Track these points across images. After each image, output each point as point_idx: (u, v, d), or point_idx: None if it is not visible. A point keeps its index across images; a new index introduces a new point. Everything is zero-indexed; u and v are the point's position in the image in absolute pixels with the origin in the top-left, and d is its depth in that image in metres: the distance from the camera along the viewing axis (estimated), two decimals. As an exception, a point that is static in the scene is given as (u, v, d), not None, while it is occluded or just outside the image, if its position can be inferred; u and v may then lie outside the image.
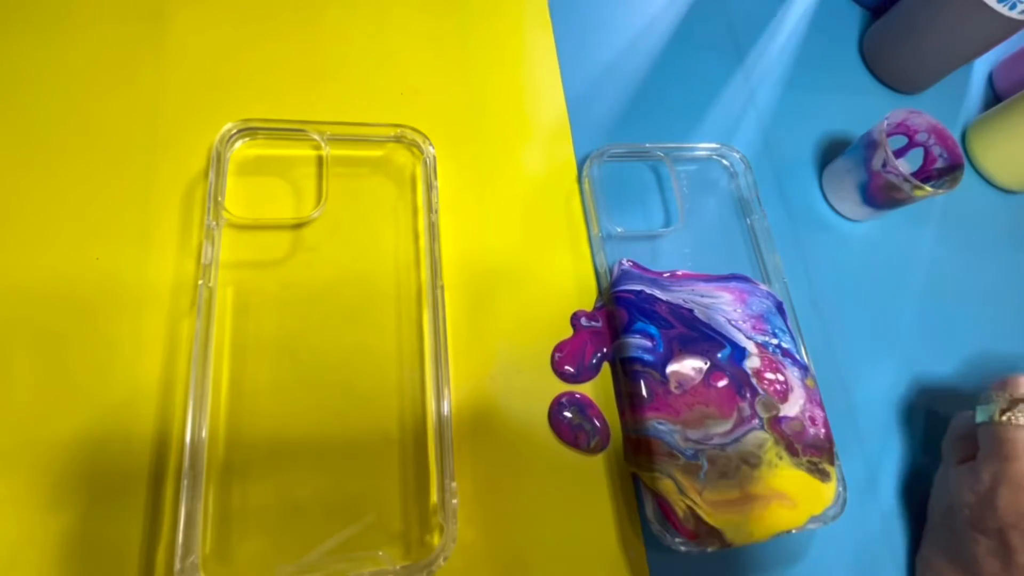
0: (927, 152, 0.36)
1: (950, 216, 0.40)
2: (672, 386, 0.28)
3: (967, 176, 0.42)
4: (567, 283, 0.31)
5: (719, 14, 0.42)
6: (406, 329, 0.28)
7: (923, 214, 0.39)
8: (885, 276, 0.37)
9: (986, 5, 0.35)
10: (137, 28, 0.31)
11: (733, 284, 0.32)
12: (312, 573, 0.24)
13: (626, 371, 0.29)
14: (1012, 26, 0.35)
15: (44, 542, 0.22)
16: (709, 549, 0.26)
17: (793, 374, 0.30)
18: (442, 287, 0.28)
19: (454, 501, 0.25)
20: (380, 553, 0.24)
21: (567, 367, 0.29)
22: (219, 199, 0.28)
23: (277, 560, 0.24)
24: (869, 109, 0.42)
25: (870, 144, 0.34)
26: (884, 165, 0.33)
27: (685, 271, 0.32)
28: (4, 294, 0.25)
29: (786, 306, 0.32)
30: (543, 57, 0.37)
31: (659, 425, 0.27)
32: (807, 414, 0.29)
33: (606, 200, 0.33)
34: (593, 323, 0.31)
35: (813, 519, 0.27)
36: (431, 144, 0.31)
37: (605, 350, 0.30)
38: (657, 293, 0.30)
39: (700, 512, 0.26)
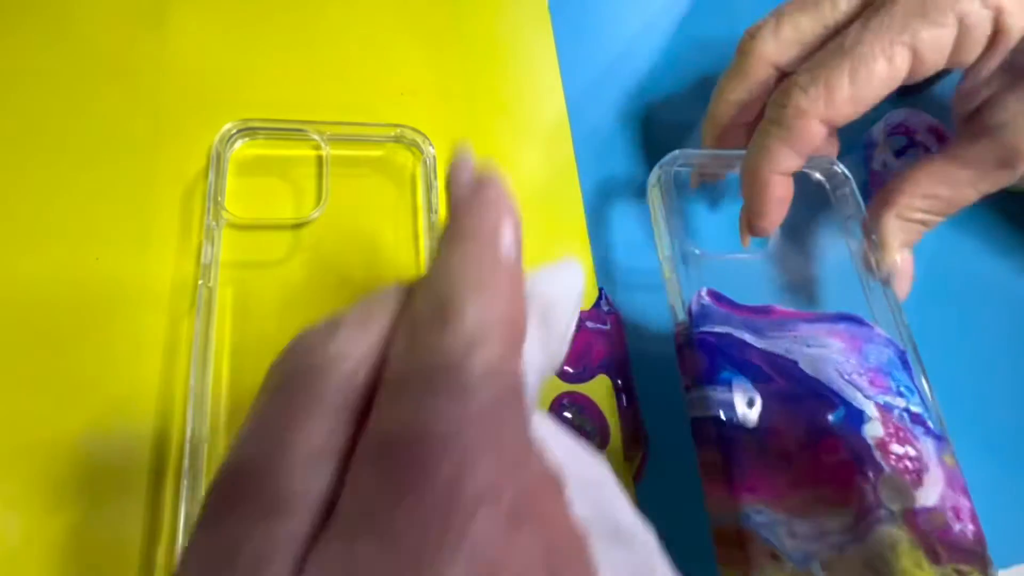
0: (927, 152, 0.36)
1: (949, 216, 0.40)
2: (771, 459, 0.22)
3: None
4: (567, 283, 0.31)
5: (720, 14, 0.42)
6: (406, 329, 0.28)
7: (923, 214, 0.39)
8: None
9: (986, 5, 0.35)
10: (137, 28, 0.31)
11: (843, 326, 0.25)
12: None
13: (707, 434, 0.23)
14: (1012, 26, 0.35)
15: (44, 542, 0.22)
16: None
17: (927, 447, 0.22)
18: (442, 287, 0.28)
19: (454, 501, 0.25)
20: (380, 553, 0.24)
21: (567, 367, 0.29)
22: (219, 199, 0.28)
23: (277, 560, 0.24)
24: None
25: (870, 144, 0.34)
26: (884, 165, 0.33)
27: (782, 308, 0.25)
28: (3, 294, 0.25)
29: (911, 356, 0.25)
30: (543, 57, 0.37)
31: (756, 515, 0.20)
32: (949, 503, 0.21)
33: (675, 215, 0.27)
34: (600, 326, 0.30)
35: None
36: (431, 144, 0.31)
37: (607, 358, 0.30)
38: (748, 338, 0.24)
39: None
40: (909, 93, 0.43)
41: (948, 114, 0.44)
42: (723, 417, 0.22)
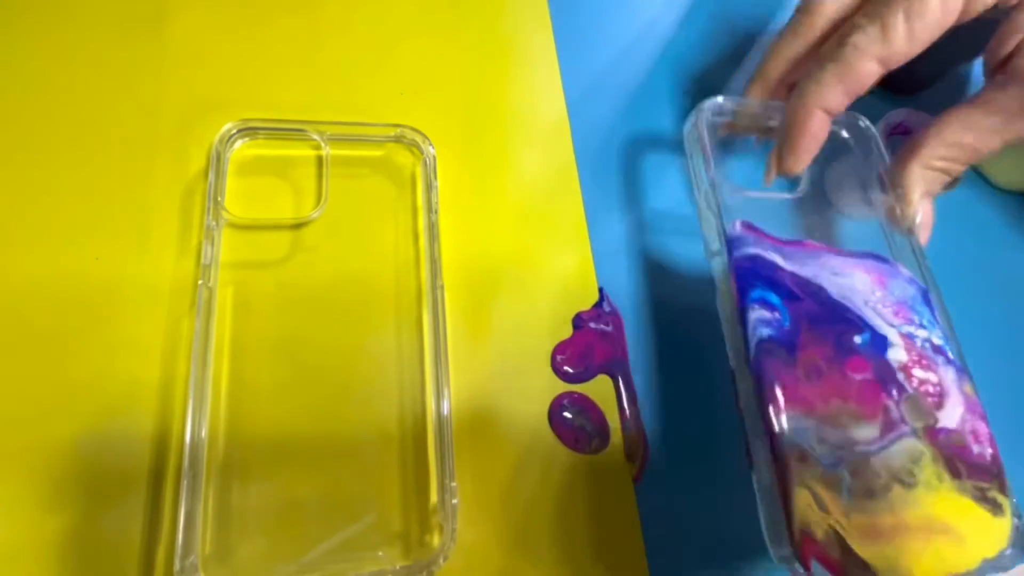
0: (927, 152, 0.36)
1: (950, 216, 0.40)
2: (801, 372, 0.23)
3: (966, 176, 0.42)
4: (567, 283, 0.31)
5: (719, 14, 0.42)
6: (406, 329, 0.28)
7: (923, 214, 0.39)
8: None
9: (986, 5, 0.35)
10: (137, 28, 0.31)
11: (870, 262, 0.26)
12: (311, 573, 0.24)
13: (747, 360, 0.24)
14: (1012, 26, 0.35)
15: (43, 542, 0.22)
16: None
17: (948, 375, 0.24)
18: (442, 287, 0.28)
19: (454, 501, 0.25)
20: (380, 553, 0.24)
21: (568, 368, 0.29)
22: (219, 199, 0.28)
23: (277, 560, 0.24)
24: (868, 109, 0.41)
25: (870, 144, 0.34)
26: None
27: (813, 243, 0.27)
28: (3, 294, 0.25)
29: (932, 296, 0.27)
30: (543, 57, 0.37)
31: (789, 420, 0.22)
32: (968, 426, 0.23)
33: (716, 150, 0.28)
34: (602, 326, 0.30)
35: (988, 563, 0.21)
36: (431, 144, 0.31)
37: (608, 358, 0.30)
38: (779, 260, 0.25)
39: (847, 538, 0.21)
40: (909, 93, 0.43)
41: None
42: (756, 332, 0.23)
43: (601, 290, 0.32)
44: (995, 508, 0.22)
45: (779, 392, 0.22)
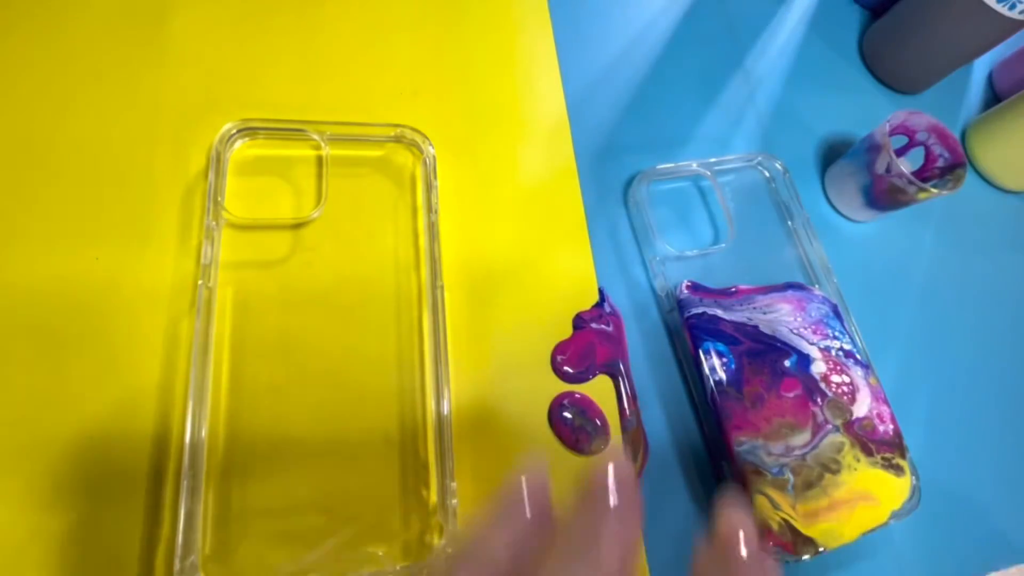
0: (928, 151, 0.36)
1: (950, 216, 0.40)
2: (748, 403, 0.29)
3: (967, 176, 0.42)
4: (567, 283, 0.31)
5: (719, 14, 0.42)
6: (406, 329, 0.28)
7: (924, 214, 0.39)
8: (885, 275, 0.37)
9: (986, 5, 0.35)
10: (137, 28, 0.31)
11: (790, 293, 0.32)
12: (311, 573, 0.24)
13: (705, 397, 0.29)
14: (1012, 26, 0.35)
15: (44, 542, 0.22)
16: (805, 558, 0.26)
17: (857, 374, 0.30)
18: (442, 287, 0.28)
19: (454, 501, 0.25)
20: (380, 553, 0.24)
21: (568, 368, 0.29)
22: (219, 199, 0.28)
23: (277, 560, 0.24)
24: (869, 109, 0.42)
25: (872, 148, 0.34)
26: (888, 169, 0.33)
27: (743, 286, 0.32)
28: (4, 295, 0.25)
29: (840, 307, 0.33)
30: (543, 57, 0.37)
31: (740, 445, 0.28)
32: (875, 412, 0.30)
33: (653, 221, 0.33)
34: (602, 326, 0.30)
35: (894, 514, 0.28)
36: (431, 144, 0.31)
37: (608, 358, 0.30)
38: (719, 313, 0.31)
39: (796, 524, 0.27)
40: (910, 93, 0.43)
41: (947, 114, 0.44)
42: (709, 377, 0.29)
43: (601, 290, 0.32)
44: (898, 471, 0.29)
45: (733, 424, 0.28)
